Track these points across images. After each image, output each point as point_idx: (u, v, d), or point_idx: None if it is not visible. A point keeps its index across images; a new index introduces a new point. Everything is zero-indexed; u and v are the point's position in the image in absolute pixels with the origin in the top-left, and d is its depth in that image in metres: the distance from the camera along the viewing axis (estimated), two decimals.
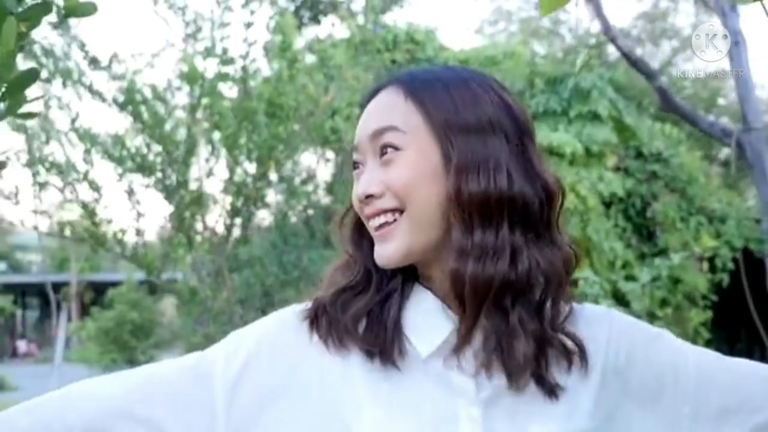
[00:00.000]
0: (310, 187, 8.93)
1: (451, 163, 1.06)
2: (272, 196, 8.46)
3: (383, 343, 1.08)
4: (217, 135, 7.20)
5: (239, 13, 6.82)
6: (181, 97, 7.27)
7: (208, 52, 6.87)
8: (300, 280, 8.48)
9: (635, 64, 3.97)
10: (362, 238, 1.16)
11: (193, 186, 7.27)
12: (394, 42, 9.68)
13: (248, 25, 6.74)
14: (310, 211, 9.38)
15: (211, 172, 7.35)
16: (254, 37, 6.86)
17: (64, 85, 6.82)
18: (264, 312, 7.92)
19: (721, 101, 20.48)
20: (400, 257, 1.09)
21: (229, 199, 7.44)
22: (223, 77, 6.96)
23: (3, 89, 1.51)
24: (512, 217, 1.06)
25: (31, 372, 22.10)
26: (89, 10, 1.61)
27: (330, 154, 9.88)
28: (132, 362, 16.57)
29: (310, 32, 12.17)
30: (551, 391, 1.08)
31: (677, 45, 21.21)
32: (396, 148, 1.08)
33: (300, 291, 8.22)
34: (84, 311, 23.87)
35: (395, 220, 1.09)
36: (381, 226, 1.10)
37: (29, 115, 1.62)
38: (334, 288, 1.14)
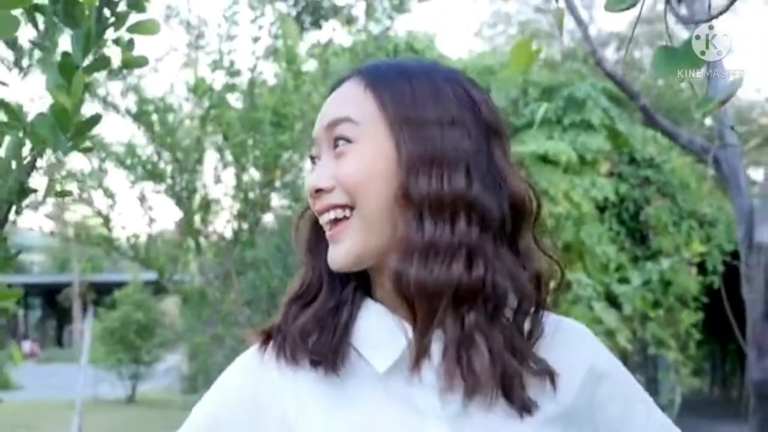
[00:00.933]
0: None
1: (402, 158, 0.98)
2: (276, 201, 8.77)
3: (333, 357, 1.00)
4: (225, 143, 7.51)
5: (245, 26, 7.14)
6: (188, 106, 7.59)
7: (216, 65, 7.18)
8: None
9: (620, 84, 4.27)
10: (319, 241, 1.06)
11: (201, 192, 7.58)
12: (395, 51, 9.97)
13: (255, 39, 7.05)
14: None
15: (219, 179, 7.67)
16: (261, 50, 7.18)
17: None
18: (269, 314, 8.24)
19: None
20: (351, 260, 1.00)
21: (236, 204, 7.75)
22: (230, 88, 7.27)
23: (72, 131, 1.79)
24: (470, 218, 0.97)
25: (34, 372, 22.42)
26: (142, 62, 1.89)
27: None
28: (137, 361, 16.87)
29: (312, 37, 12.43)
30: (522, 407, 0.99)
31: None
32: (348, 141, 1.00)
33: None
34: (85, 311, 24.11)
35: (346, 217, 1.00)
36: (333, 223, 1.01)
37: (88, 149, 1.91)
38: (285, 298, 1.07)
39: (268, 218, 8.84)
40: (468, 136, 0.99)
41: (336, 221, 1.01)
